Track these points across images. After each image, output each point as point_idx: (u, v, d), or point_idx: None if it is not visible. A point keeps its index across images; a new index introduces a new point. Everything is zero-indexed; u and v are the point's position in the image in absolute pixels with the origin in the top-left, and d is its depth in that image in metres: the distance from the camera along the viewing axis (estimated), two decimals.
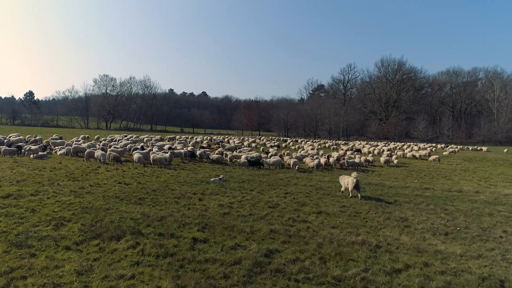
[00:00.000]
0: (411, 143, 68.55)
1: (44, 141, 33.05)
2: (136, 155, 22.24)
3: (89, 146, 27.25)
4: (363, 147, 49.10)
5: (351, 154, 37.26)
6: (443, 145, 68.51)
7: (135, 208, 11.87)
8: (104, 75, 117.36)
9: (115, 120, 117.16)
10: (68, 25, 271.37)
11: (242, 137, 69.57)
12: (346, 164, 26.70)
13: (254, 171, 23.12)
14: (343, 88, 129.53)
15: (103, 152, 22.37)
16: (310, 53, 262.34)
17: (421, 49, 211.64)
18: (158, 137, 49.33)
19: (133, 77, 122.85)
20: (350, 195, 15.88)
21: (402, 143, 67.97)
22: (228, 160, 26.34)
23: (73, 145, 26.51)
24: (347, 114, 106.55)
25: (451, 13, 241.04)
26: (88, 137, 46.60)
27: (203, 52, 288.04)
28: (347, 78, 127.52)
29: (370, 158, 30.67)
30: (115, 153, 22.88)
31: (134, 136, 49.60)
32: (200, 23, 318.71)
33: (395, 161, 31.13)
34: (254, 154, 29.22)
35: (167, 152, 24.86)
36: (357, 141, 76.69)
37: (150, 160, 22.72)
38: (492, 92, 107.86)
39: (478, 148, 64.67)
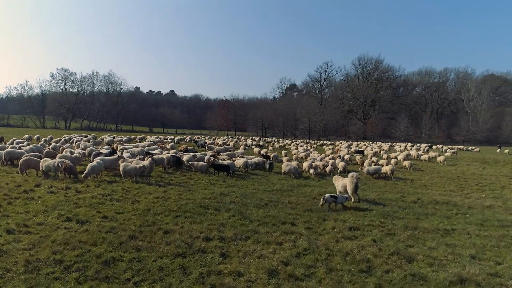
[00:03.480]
0: (393, 143, 64.52)
1: None
2: (92, 164, 15.02)
3: (32, 150, 19.64)
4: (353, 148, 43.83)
5: (349, 156, 31.84)
6: (425, 145, 64.97)
7: None
8: (62, 69, 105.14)
9: (75, 119, 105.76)
10: (24, 13, 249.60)
11: (221, 137, 62.58)
12: (369, 172, 20.89)
13: (264, 182, 16.75)
14: (319, 87, 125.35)
15: (55, 161, 14.76)
16: (280, 53, 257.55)
17: (393, 49, 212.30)
18: (125, 137, 41.50)
19: (96, 72, 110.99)
20: (353, 199, 13.52)
21: (386, 143, 63.57)
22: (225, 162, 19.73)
23: (7, 149, 18.84)
24: (324, 114, 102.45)
25: (425, 14, 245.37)
26: (39, 138, 37.97)
27: (172, 50, 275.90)
28: (323, 76, 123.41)
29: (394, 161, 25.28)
30: (68, 161, 15.56)
31: (91, 136, 41.10)
32: (170, 20, 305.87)
33: (408, 165, 26.33)
34: (255, 159, 22.79)
35: (144, 159, 17.88)
36: (342, 141, 72.03)
37: (120, 171, 15.69)
38: (467, 91, 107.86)
39: (470, 149, 61.84)
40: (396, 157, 31.81)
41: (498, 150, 57.14)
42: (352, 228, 9.92)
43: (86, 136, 40.33)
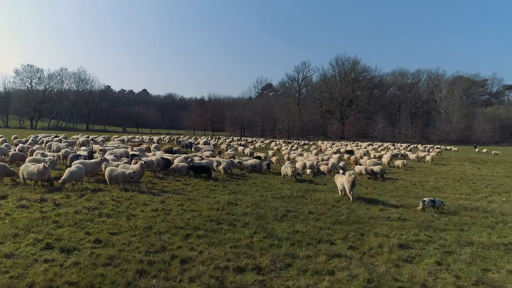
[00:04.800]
0: (372, 143, 64.45)
1: None
2: (71, 170, 12.49)
3: None
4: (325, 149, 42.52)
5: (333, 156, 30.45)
6: (406, 145, 65.42)
7: None
8: (28, 65, 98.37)
9: (42, 118, 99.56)
10: None
11: (200, 137, 60.11)
12: (363, 172, 19.64)
13: (267, 187, 14.89)
14: (297, 86, 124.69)
15: (41, 165, 11.90)
16: (252, 53, 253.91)
17: (366, 51, 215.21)
18: (100, 138, 38.41)
19: (65, 69, 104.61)
20: (343, 195, 13.72)
21: (365, 143, 63.37)
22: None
23: None
24: (302, 113, 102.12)
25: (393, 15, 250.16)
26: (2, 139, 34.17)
27: (144, 48, 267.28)
28: (301, 76, 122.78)
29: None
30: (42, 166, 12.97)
31: (62, 135, 37.67)
32: (144, 18, 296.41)
33: (401, 164, 25.77)
34: (251, 161, 20.93)
35: (130, 162, 15.55)
36: (324, 141, 71.32)
37: (102, 176, 13.34)
38: (439, 92, 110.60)
39: (449, 148, 62.62)
40: (381, 156, 31.12)
41: (477, 150, 58.17)
42: (402, 246, 8.25)
43: (57, 136, 37.02)
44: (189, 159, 16.98)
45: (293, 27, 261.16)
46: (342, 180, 13.71)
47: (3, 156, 17.68)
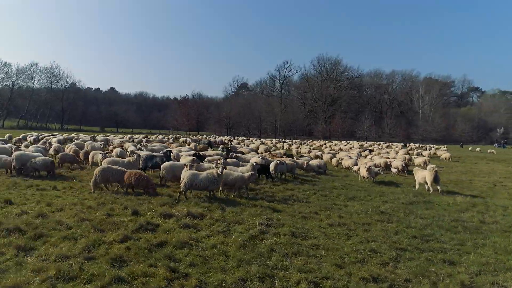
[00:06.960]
0: (362, 142, 64.72)
1: None
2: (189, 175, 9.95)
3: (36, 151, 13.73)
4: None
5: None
6: (401, 144, 65.95)
7: None
8: None
9: (9, 117, 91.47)
10: None
11: (194, 137, 57.11)
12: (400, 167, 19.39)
13: (359, 191, 13.14)
14: (279, 85, 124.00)
15: (215, 171, 9.45)
16: (218, 53, 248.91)
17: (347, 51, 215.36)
18: (106, 136, 34.90)
19: (36, 64, 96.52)
20: (431, 190, 13.73)
21: (356, 142, 63.31)
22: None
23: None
24: (286, 113, 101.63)
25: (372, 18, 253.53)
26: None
27: (111, 42, 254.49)
28: (283, 75, 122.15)
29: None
30: (126, 169, 10.34)
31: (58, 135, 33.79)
32: (112, 16, 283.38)
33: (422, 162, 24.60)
34: (315, 161, 19.05)
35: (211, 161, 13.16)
36: (317, 141, 70.51)
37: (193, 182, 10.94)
38: (416, 92, 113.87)
39: (443, 147, 63.77)
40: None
41: (470, 148, 59.57)
42: None
43: (54, 136, 33.42)
44: (279, 162, 14.88)
45: (260, 28, 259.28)
46: (423, 174, 14.11)
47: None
